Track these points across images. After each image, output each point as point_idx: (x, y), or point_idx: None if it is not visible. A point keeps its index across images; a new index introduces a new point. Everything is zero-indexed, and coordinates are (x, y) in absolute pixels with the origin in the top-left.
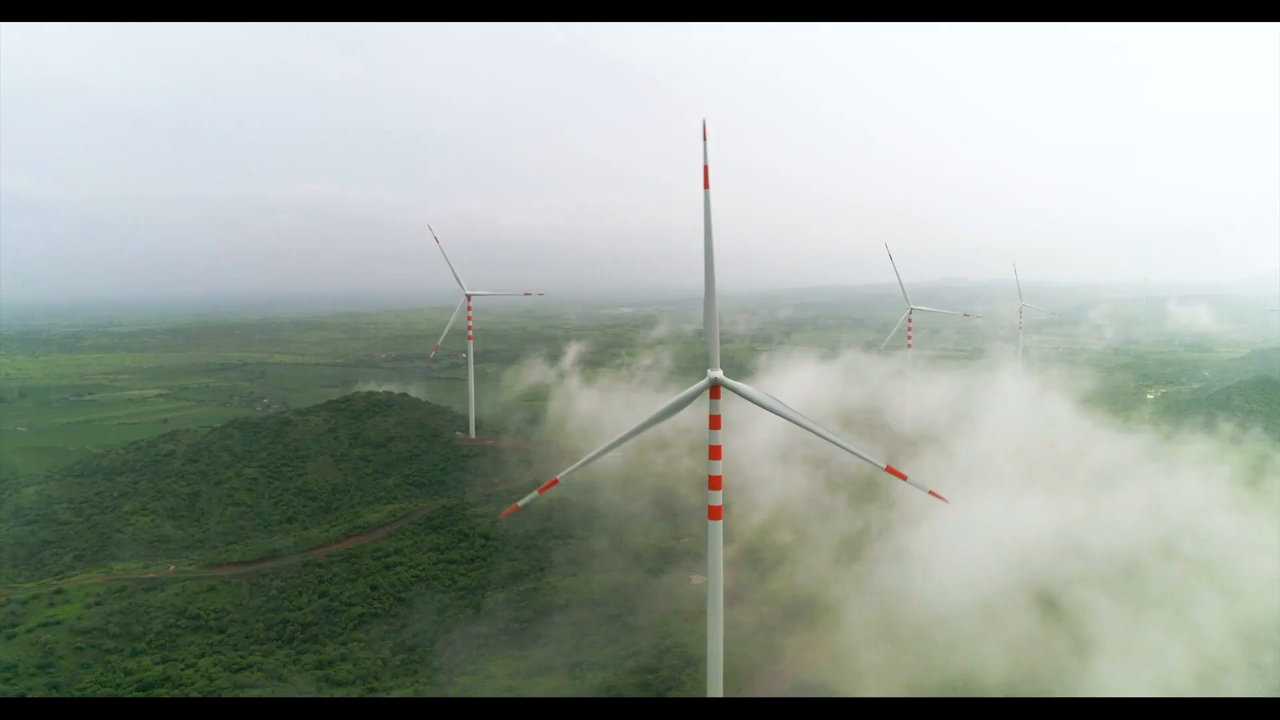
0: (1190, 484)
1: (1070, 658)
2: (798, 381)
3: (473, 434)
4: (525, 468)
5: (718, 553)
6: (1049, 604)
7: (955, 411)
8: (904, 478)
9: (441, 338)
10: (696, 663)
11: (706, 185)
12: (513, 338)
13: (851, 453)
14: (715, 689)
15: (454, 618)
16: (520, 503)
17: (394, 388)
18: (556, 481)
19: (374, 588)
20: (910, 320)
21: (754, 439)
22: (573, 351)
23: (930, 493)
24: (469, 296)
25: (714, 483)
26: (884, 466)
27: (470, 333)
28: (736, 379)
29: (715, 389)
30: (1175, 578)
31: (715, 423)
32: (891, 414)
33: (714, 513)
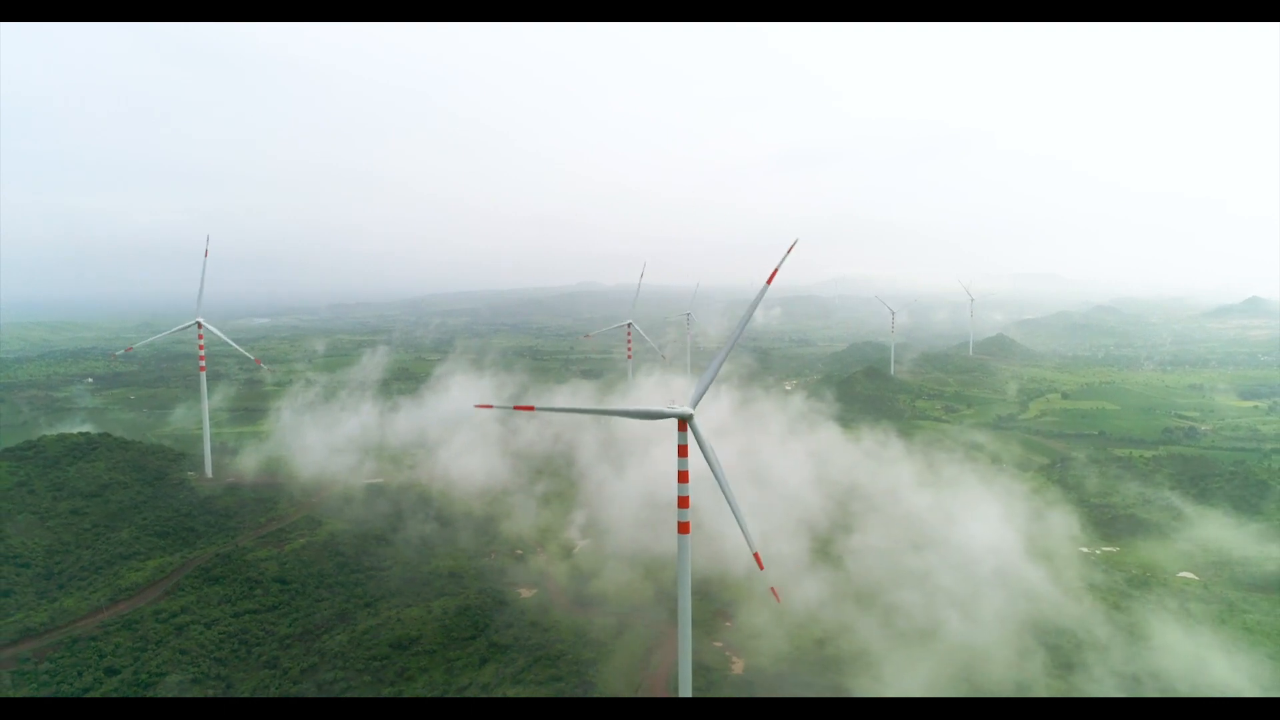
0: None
1: None
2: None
3: (209, 473)
4: (289, 502)
5: (686, 563)
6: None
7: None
8: (761, 567)
9: (144, 341)
10: (590, 674)
11: (770, 281)
12: (142, 355)
13: (741, 529)
14: (685, 689)
15: (295, 666)
16: (494, 405)
17: (87, 428)
18: (533, 408)
19: (183, 652)
20: (630, 331)
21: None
22: (240, 372)
23: (770, 589)
24: (199, 323)
25: (682, 502)
26: (754, 552)
27: (202, 363)
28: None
29: (682, 423)
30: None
31: (682, 451)
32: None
33: (682, 528)
